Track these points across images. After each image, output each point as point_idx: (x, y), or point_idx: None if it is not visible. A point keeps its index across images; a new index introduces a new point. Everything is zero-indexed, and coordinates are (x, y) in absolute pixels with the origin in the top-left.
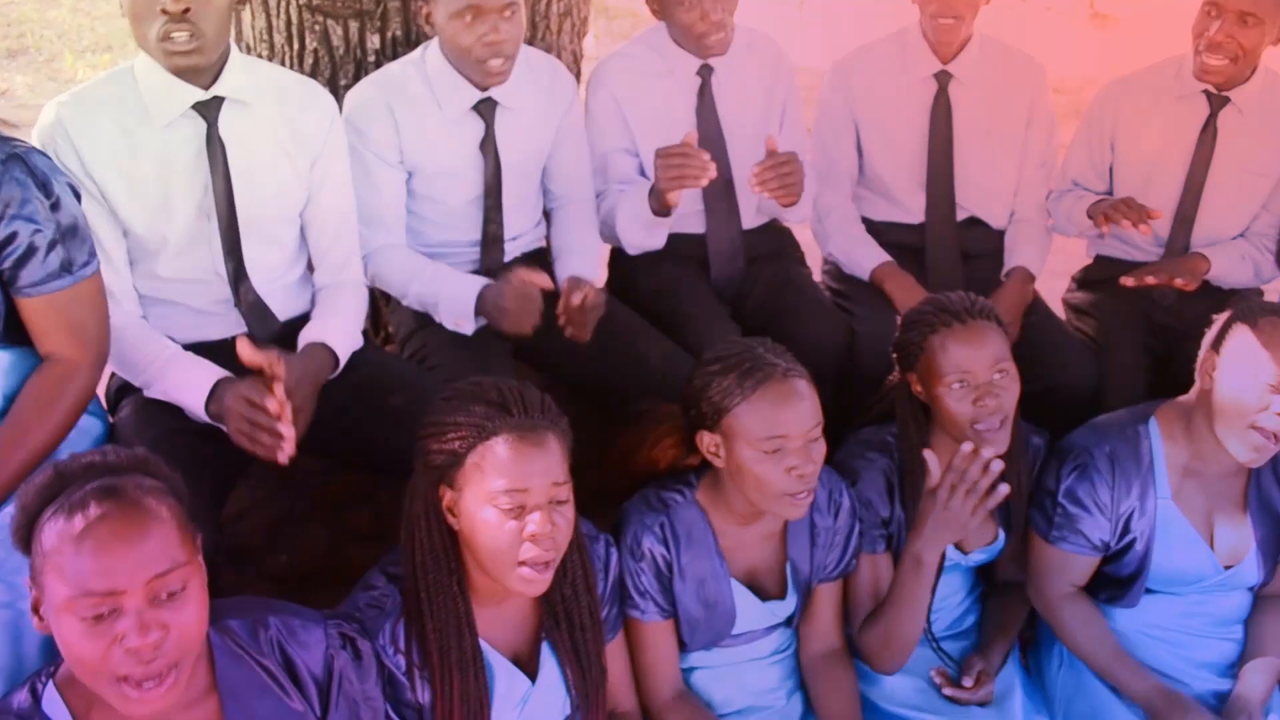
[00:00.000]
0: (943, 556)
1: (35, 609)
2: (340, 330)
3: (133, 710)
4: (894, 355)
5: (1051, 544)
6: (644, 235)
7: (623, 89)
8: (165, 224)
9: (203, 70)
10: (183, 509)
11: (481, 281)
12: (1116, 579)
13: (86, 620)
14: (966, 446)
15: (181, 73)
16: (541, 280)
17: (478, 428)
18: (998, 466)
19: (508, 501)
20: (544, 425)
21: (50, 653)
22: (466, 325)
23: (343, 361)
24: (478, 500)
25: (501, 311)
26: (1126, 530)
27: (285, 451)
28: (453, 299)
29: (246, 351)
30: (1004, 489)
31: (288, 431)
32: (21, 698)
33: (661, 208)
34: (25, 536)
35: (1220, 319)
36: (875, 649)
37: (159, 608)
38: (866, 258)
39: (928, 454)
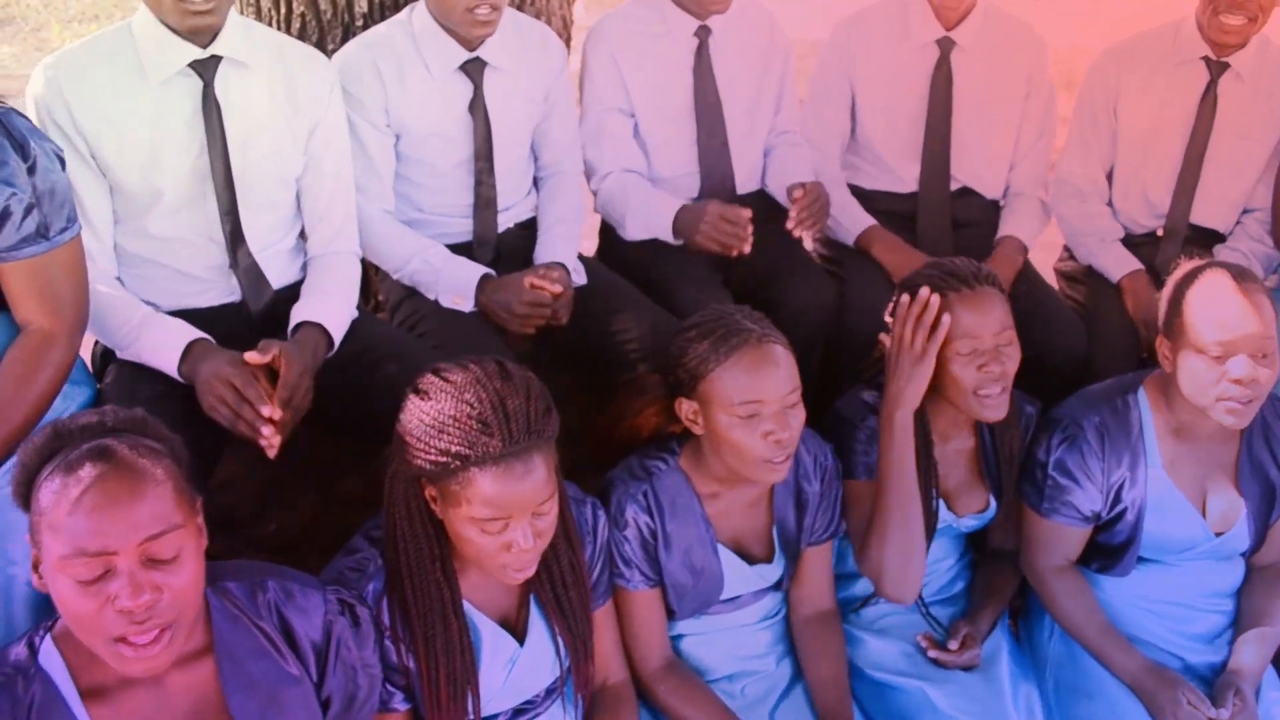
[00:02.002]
0: (935, 515)
1: (35, 567)
2: (334, 309)
3: (128, 669)
4: (891, 319)
5: (1043, 516)
6: (648, 237)
7: (622, 49)
8: (158, 181)
9: (204, 30)
10: (182, 472)
11: (480, 270)
12: (1108, 548)
13: (81, 580)
14: (905, 298)
15: (192, 32)
16: (553, 288)
17: (460, 458)
18: (936, 300)
19: (491, 526)
20: (529, 447)
21: (39, 615)
22: (466, 302)
23: (337, 340)
24: (459, 515)
25: (510, 314)
26: (1117, 500)
27: (272, 447)
28: (454, 277)
29: (254, 357)
30: (947, 319)
31: (271, 435)
32: (18, 651)
33: (680, 238)
34: (25, 494)
35: (1164, 300)
36: (876, 557)
37: (152, 569)
38: (852, 221)
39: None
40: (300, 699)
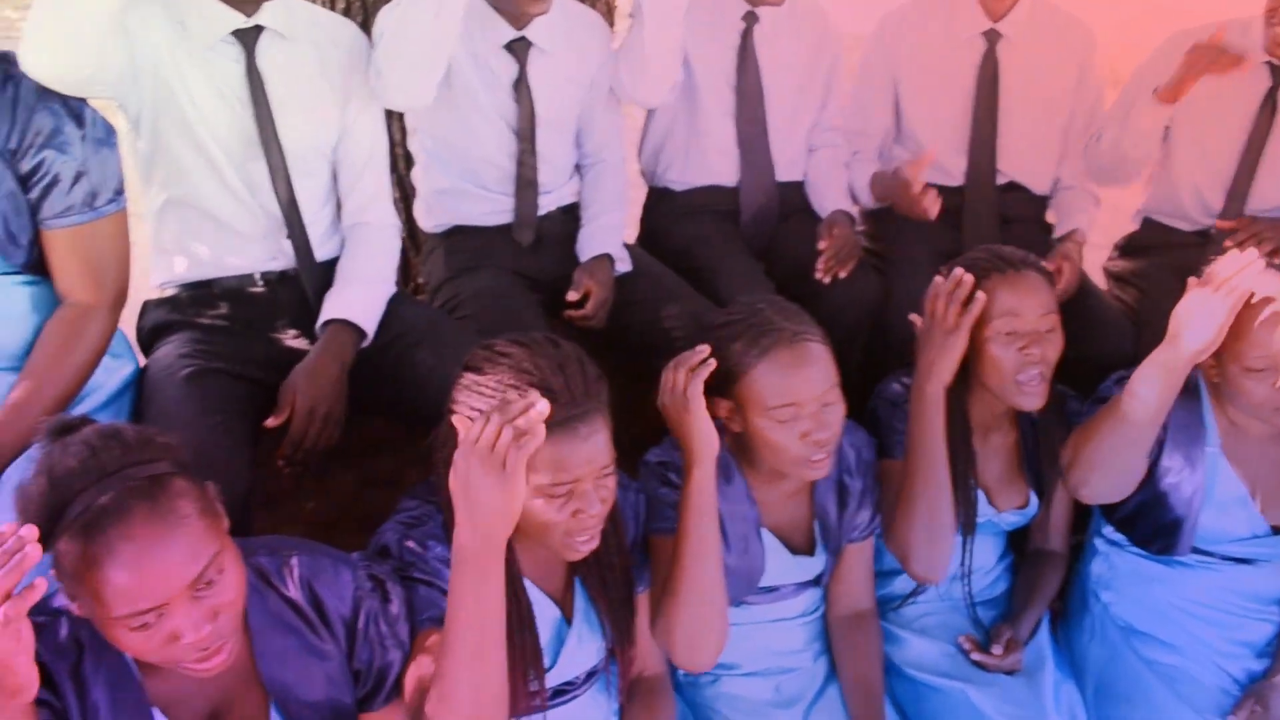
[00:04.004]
0: (975, 506)
1: (72, 598)
2: (365, 297)
3: (197, 675)
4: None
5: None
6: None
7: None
8: (203, 136)
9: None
10: (196, 484)
11: None
12: (1162, 525)
13: (135, 629)
14: (939, 278)
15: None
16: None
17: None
18: (970, 278)
19: (556, 491)
20: (590, 409)
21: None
22: None
23: (370, 330)
24: (526, 487)
25: None
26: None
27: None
28: None
29: (272, 422)
30: (981, 296)
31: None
32: (61, 598)
33: None
34: (40, 545)
35: None
36: (902, 533)
37: (203, 598)
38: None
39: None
40: (331, 672)
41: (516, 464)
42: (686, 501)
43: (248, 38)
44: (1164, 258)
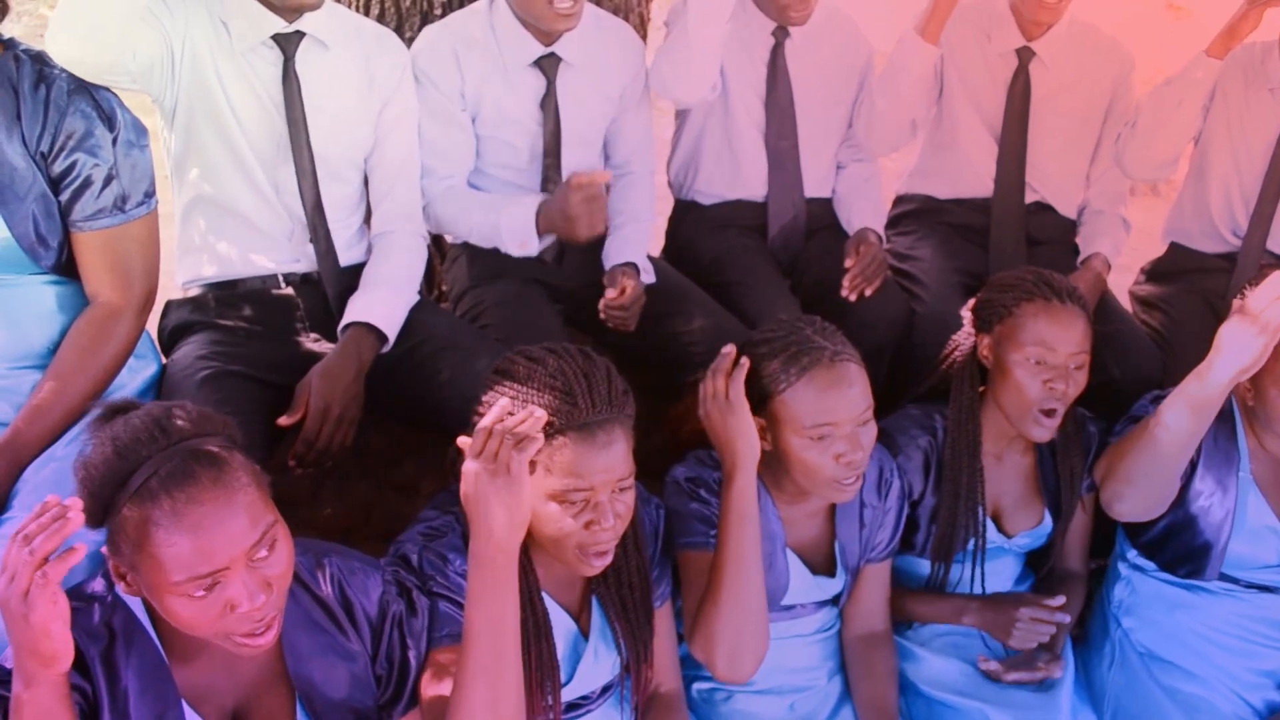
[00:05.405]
0: (984, 536)
1: (121, 576)
2: (389, 302)
3: (244, 653)
4: (972, 313)
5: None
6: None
7: None
8: (236, 139)
9: (312, 6)
10: (249, 460)
11: (539, 198)
12: (1190, 550)
13: (193, 597)
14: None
15: (296, 9)
16: (601, 176)
17: (545, 424)
18: (746, 361)
19: (572, 498)
20: (611, 420)
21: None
22: (531, 245)
23: (392, 335)
24: (540, 492)
25: (570, 220)
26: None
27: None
28: (514, 218)
29: (285, 421)
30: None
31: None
32: (95, 585)
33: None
34: (99, 517)
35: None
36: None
37: (258, 568)
38: None
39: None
40: (356, 673)
41: (519, 468)
42: (729, 509)
43: (288, 43)
44: (1190, 283)
